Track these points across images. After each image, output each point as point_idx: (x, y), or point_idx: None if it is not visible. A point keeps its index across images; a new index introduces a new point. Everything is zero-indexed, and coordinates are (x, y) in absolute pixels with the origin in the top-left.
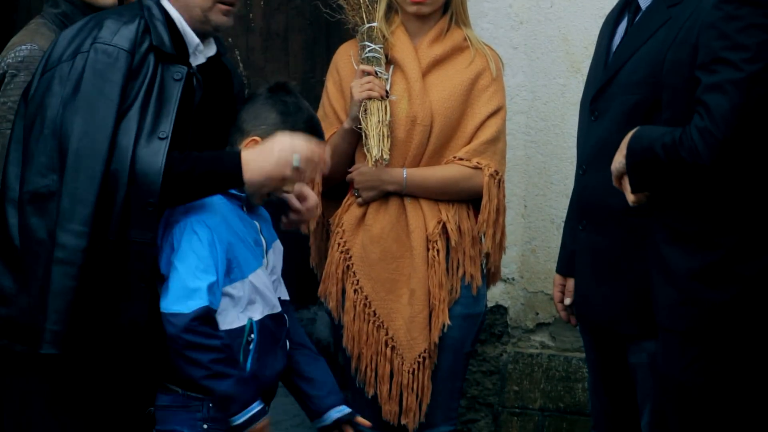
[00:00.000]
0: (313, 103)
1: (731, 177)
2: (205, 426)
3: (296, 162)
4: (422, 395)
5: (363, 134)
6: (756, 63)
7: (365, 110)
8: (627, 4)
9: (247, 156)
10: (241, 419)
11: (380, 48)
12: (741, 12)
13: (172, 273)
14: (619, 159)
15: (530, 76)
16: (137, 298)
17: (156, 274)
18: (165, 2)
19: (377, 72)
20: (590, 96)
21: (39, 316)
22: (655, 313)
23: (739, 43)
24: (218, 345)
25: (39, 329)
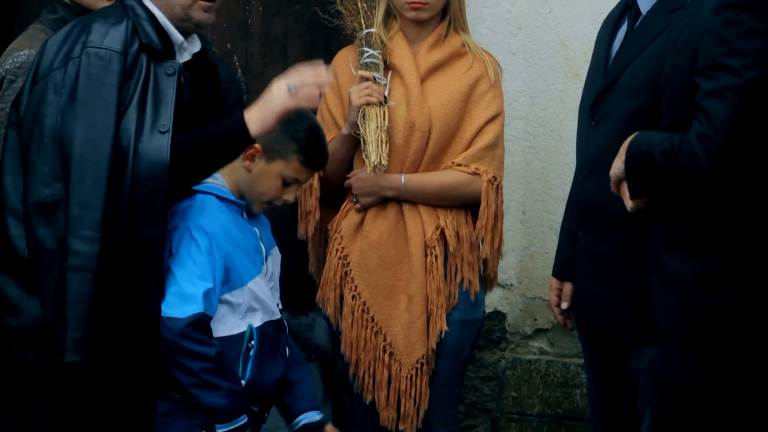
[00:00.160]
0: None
1: (730, 183)
2: None
3: (291, 89)
4: (420, 401)
5: (361, 140)
6: (755, 69)
7: (363, 116)
8: (626, 8)
9: (249, 114)
10: (224, 429)
11: (378, 53)
12: (741, 18)
13: (169, 278)
14: (618, 164)
15: (529, 82)
16: (149, 297)
17: None
18: (147, 2)
19: (375, 77)
20: (590, 101)
21: (56, 326)
22: (654, 319)
23: (739, 49)
24: (211, 354)
25: (59, 338)
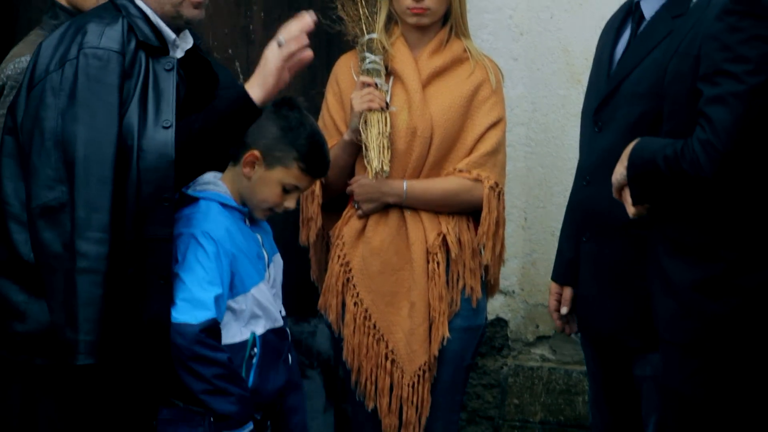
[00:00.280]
0: (314, 115)
1: (733, 189)
2: None
3: (281, 43)
4: (422, 408)
5: (363, 146)
6: (758, 75)
7: (365, 122)
8: (630, 13)
9: (249, 83)
10: None
11: (380, 59)
12: (743, 24)
13: (178, 285)
14: (620, 170)
15: (530, 88)
16: (158, 296)
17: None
18: (138, 1)
19: (377, 83)
20: (593, 106)
21: (66, 329)
22: (656, 326)
23: (741, 56)
24: (223, 359)
25: (70, 342)
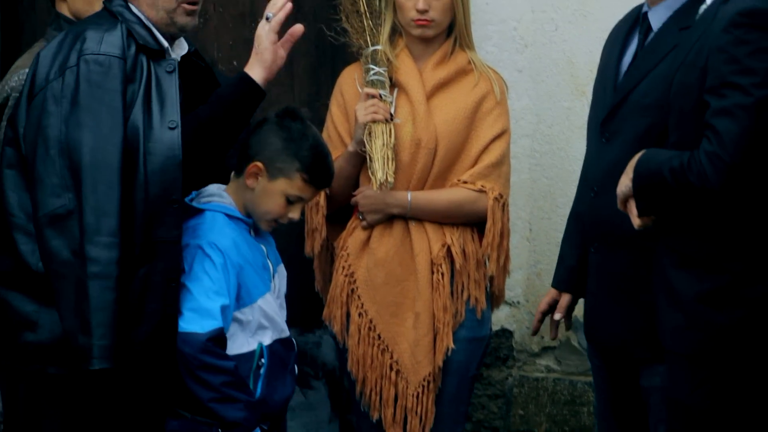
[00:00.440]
0: (318, 127)
1: (739, 201)
2: None
3: (269, 18)
4: (426, 419)
5: (367, 157)
6: (765, 88)
7: (369, 133)
8: (636, 22)
9: (248, 67)
10: None
11: (384, 71)
12: (751, 36)
13: (184, 294)
14: (625, 182)
15: (535, 100)
16: (168, 298)
17: None
18: (132, 7)
19: (381, 95)
20: (599, 116)
21: (79, 335)
22: (661, 337)
23: (749, 68)
24: (230, 367)
25: (84, 347)
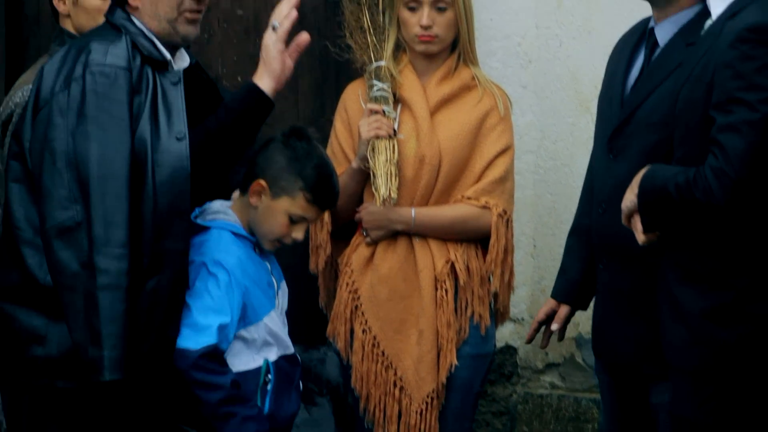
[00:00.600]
0: (322, 143)
1: (744, 217)
2: None
3: (275, 27)
4: None
5: (371, 173)
6: None
7: (373, 149)
8: (643, 37)
9: (256, 77)
10: None
11: (388, 87)
12: (757, 52)
13: (184, 311)
14: (630, 198)
15: (539, 115)
16: (175, 310)
17: None
18: (135, 19)
19: (385, 111)
20: (606, 132)
21: (90, 347)
22: (666, 353)
23: (755, 84)
24: (225, 383)
25: (94, 359)
